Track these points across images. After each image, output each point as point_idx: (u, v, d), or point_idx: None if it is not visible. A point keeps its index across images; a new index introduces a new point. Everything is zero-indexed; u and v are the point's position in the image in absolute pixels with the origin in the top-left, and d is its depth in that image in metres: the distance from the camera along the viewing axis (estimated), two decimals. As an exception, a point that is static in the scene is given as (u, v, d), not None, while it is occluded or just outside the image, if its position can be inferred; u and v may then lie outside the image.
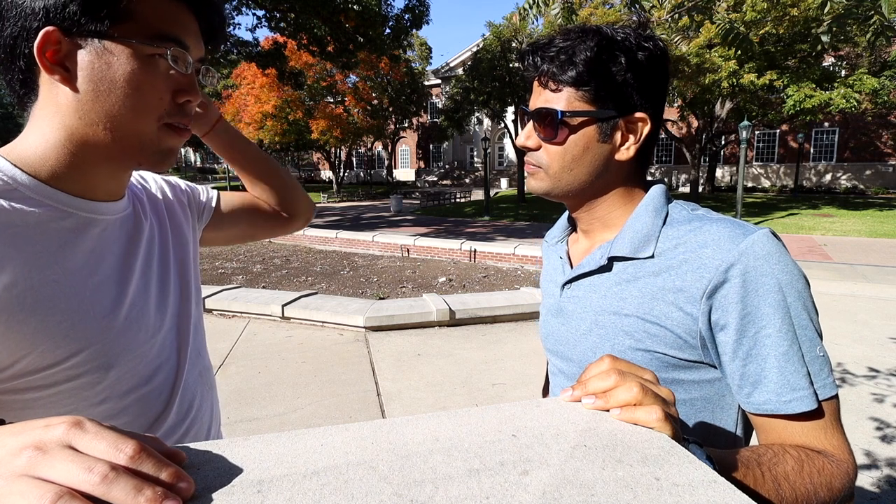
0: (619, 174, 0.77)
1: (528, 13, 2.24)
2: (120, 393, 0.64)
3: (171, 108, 0.63)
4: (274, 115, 27.28)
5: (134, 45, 0.58)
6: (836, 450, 0.64)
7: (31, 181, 0.59)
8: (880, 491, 2.61)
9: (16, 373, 0.56)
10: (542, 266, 0.98)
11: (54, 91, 0.59)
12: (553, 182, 0.77)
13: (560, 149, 0.74)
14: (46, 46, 0.56)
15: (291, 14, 13.19)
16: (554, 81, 0.72)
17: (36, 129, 0.61)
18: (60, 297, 0.58)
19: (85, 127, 0.60)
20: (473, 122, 31.47)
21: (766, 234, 0.66)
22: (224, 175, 36.34)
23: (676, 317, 0.68)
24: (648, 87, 0.73)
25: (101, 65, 0.57)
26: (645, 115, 0.73)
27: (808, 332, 0.65)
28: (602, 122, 0.73)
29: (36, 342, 0.56)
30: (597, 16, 17.06)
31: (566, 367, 0.83)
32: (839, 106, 15.78)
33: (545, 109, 0.73)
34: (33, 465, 0.33)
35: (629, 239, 0.74)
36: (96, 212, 0.65)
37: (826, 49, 15.14)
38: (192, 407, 0.77)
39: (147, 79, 0.59)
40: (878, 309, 5.98)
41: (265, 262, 10.18)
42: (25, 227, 0.57)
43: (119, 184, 0.69)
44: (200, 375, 0.81)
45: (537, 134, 0.76)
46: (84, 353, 0.60)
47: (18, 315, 0.54)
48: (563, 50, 0.71)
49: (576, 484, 0.38)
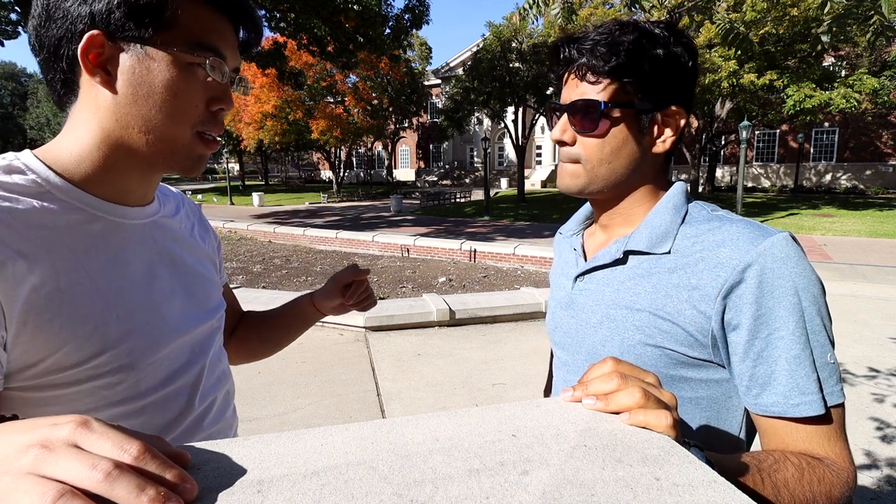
0: (652, 169, 0.78)
1: (528, 13, 2.24)
2: (139, 394, 0.65)
3: (205, 117, 0.64)
4: (274, 115, 27.29)
5: (175, 53, 0.60)
6: (837, 458, 0.63)
7: (63, 184, 0.61)
8: (880, 491, 2.61)
9: (40, 371, 0.57)
10: (541, 265, 0.98)
11: (94, 93, 0.61)
12: (590, 177, 0.75)
13: (599, 141, 0.73)
14: (90, 49, 0.58)
15: (291, 14, 13.18)
16: (593, 73, 0.72)
17: (73, 130, 0.63)
18: (85, 300, 0.59)
19: (121, 129, 0.61)
20: (473, 122, 31.45)
21: (785, 237, 0.66)
22: (224, 175, 36.33)
23: (689, 314, 0.68)
24: (683, 81, 0.74)
25: (141, 70, 0.59)
26: (681, 108, 0.74)
27: (821, 338, 0.64)
28: (641, 115, 0.73)
29: (61, 342, 0.57)
30: (597, 15, 17.06)
31: (572, 360, 0.83)
32: (839, 106, 15.77)
33: (586, 101, 0.72)
34: (39, 463, 0.33)
35: (647, 234, 0.74)
36: (125, 216, 0.67)
37: (826, 49, 15.13)
38: (210, 410, 0.77)
39: (185, 86, 0.61)
40: (878, 309, 5.98)
41: (265, 263, 10.17)
42: (55, 229, 0.59)
43: (149, 188, 0.70)
44: (219, 380, 0.81)
45: (573, 128, 0.75)
46: (107, 354, 0.60)
47: (45, 315, 0.56)
48: (603, 41, 0.70)
49: (576, 484, 0.38)
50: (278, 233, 13.57)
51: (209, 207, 23.69)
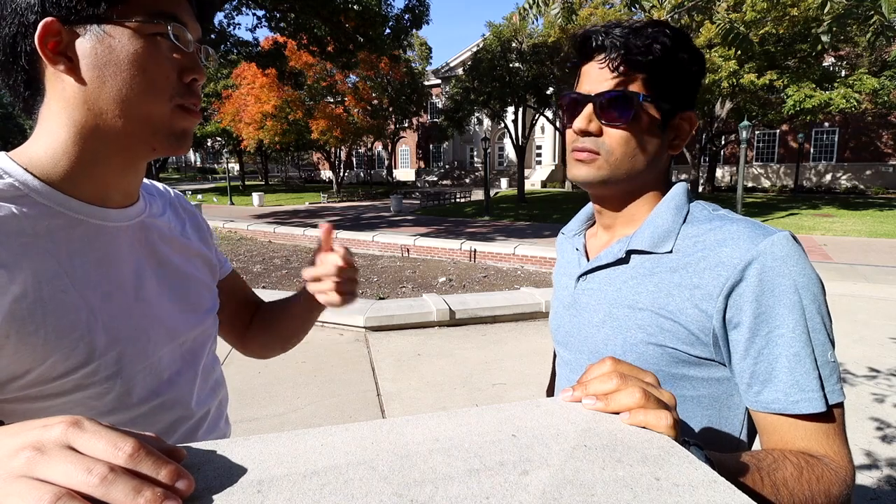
0: (664, 169, 0.79)
1: (528, 13, 2.24)
2: (130, 404, 0.63)
3: (180, 88, 0.62)
4: (274, 115, 27.27)
5: (133, 26, 0.57)
6: (837, 456, 0.64)
7: (42, 187, 0.58)
8: (880, 491, 2.61)
9: (26, 383, 0.55)
10: (541, 265, 0.99)
11: (60, 86, 0.58)
12: (612, 169, 0.75)
13: (626, 134, 0.73)
14: (48, 38, 0.55)
15: (291, 14, 13.19)
16: (627, 65, 0.71)
17: (45, 129, 0.60)
18: (70, 308, 0.57)
19: (94, 118, 0.59)
20: (473, 122, 31.41)
21: (786, 236, 0.66)
22: (224, 175, 36.32)
23: (691, 313, 0.68)
24: (697, 87, 0.76)
25: (103, 50, 0.57)
26: (693, 113, 0.76)
27: (821, 337, 0.65)
28: (668, 112, 0.74)
29: (46, 353, 0.55)
30: (597, 15, 17.06)
31: (575, 359, 0.83)
32: (839, 106, 15.77)
33: (623, 93, 0.72)
34: (32, 465, 0.33)
35: (649, 233, 0.75)
36: (108, 219, 0.64)
37: (826, 49, 15.12)
38: (204, 421, 0.75)
39: (151, 58, 0.59)
40: (878, 309, 5.98)
41: (265, 262, 10.17)
42: (36, 236, 0.56)
43: (132, 184, 0.68)
44: (213, 389, 0.79)
45: (599, 119, 0.74)
46: (94, 363, 0.59)
47: (28, 327, 0.54)
48: (640, 34, 0.70)
49: (576, 484, 0.38)
50: (278, 233, 13.56)
51: (209, 207, 23.66)
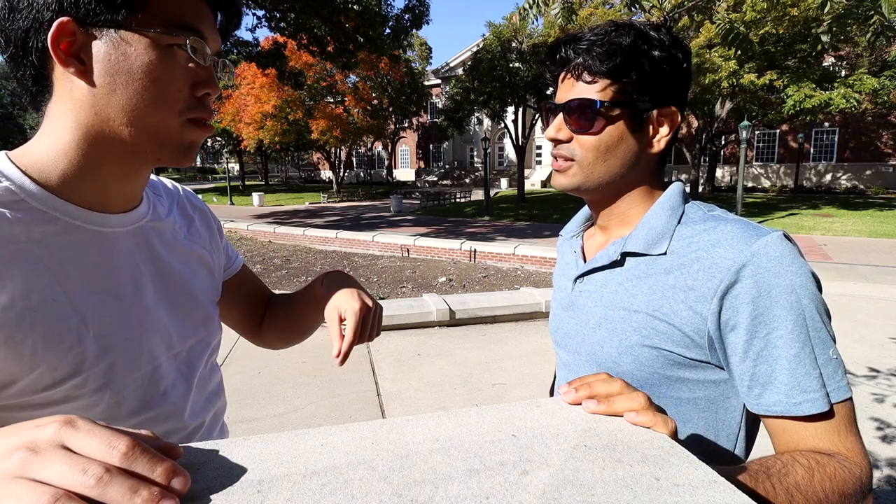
0: (647, 168, 0.79)
1: (528, 13, 2.24)
2: (120, 416, 0.61)
3: (191, 102, 0.60)
4: (274, 115, 27.25)
5: (152, 35, 0.56)
6: (850, 452, 0.63)
7: (39, 191, 0.57)
8: (880, 491, 2.61)
9: (13, 393, 0.54)
10: (541, 265, 0.99)
11: (69, 87, 0.56)
12: (585, 175, 0.77)
13: (595, 139, 0.75)
14: (61, 38, 0.53)
15: (291, 14, 13.18)
16: (589, 73, 0.73)
17: (49, 129, 0.59)
18: (60, 318, 0.56)
19: (101, 123, 0.57)
20: (473, 122, 31.41)
21: (779, 236, 0.66)
22: (224, 174, 36.31)
23: (686, 315, 0.68)
24: (677, 82, 0.75)
25: (117, 56, 0.55)
26: (675, 108, 0.75)
27: (822, 335, 0.64)
28: (637, 114, 0.74)
29: (34, 363, 0.54)
30: (597, 15, 17.05)
31: (573, 360, 0.84)
32: (839, 106, 15.77)
33: (581, 100, 0.74)
34: (26, 466, 0.32)
35: (643, 235, 0.75)
36: (106, 224, 0.62)
37: (826, 49, 15.12)
38: (196, 433, 0.74)
39: (165, 70, 0.57)
40: (878, 309, 5.98)
41: (265, 262, 10.17)
42: (28, 242, 0.55)
43: (134, 188, 0.66)
44: (208, 401, 0.77)
45: (568, 126, 0.76)
46: (82, 375, 0.57)
47: (16, 336, 0.52)
48: (599, 42, 0.72)
49: (576, 484, 0.38)
50: (278, 233, 13.57)
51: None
